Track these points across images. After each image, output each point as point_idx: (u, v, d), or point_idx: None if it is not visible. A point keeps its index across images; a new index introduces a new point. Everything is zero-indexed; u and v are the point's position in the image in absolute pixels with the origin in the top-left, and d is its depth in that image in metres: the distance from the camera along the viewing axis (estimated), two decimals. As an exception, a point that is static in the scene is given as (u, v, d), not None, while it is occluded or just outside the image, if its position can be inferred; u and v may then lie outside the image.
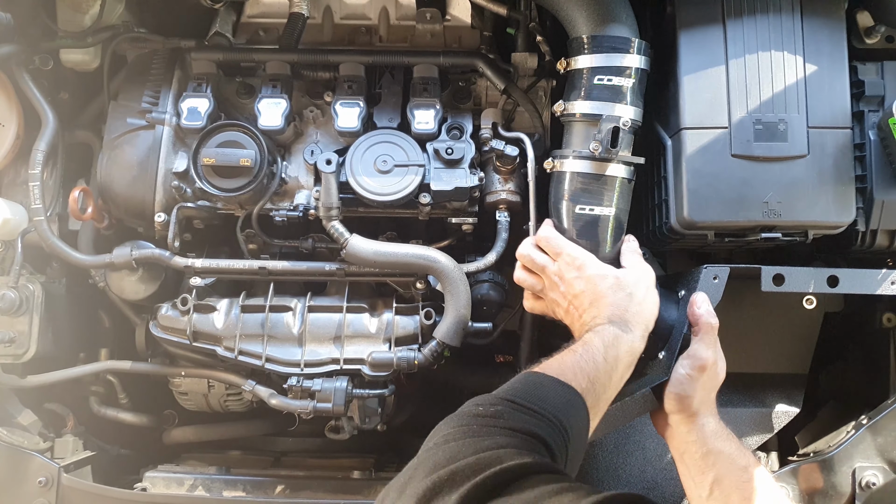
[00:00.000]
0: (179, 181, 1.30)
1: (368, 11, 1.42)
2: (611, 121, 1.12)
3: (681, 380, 1.03)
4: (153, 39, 1.39)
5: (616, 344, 0.98)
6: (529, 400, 0.79)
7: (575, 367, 0.92)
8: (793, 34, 1.18)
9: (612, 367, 0.95)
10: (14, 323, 1.35)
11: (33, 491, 1.31)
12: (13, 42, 1.33)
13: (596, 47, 1.15)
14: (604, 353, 0.96)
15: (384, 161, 1.27)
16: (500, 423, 0.73)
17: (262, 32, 1.45)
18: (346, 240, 1.25)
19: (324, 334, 1.31)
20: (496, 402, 0.79)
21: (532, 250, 1.16)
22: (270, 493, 1.37)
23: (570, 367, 0.92)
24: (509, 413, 0.76)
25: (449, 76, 1.42)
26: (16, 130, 1.38)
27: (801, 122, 1.16)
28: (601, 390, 0.93)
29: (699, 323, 1.07)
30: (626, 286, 1.07)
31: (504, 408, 0.77)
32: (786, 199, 1.15)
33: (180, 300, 1.32)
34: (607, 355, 0.95)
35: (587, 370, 0.92)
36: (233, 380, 1.36)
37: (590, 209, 1.15)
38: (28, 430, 1.38)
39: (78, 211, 1.30)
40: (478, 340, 1.34)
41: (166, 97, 1.34)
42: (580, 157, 1.16)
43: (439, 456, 0.65)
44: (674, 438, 1.06)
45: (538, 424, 0.75)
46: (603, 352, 0.96)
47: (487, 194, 1.34)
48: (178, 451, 1.56)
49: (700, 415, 1.03)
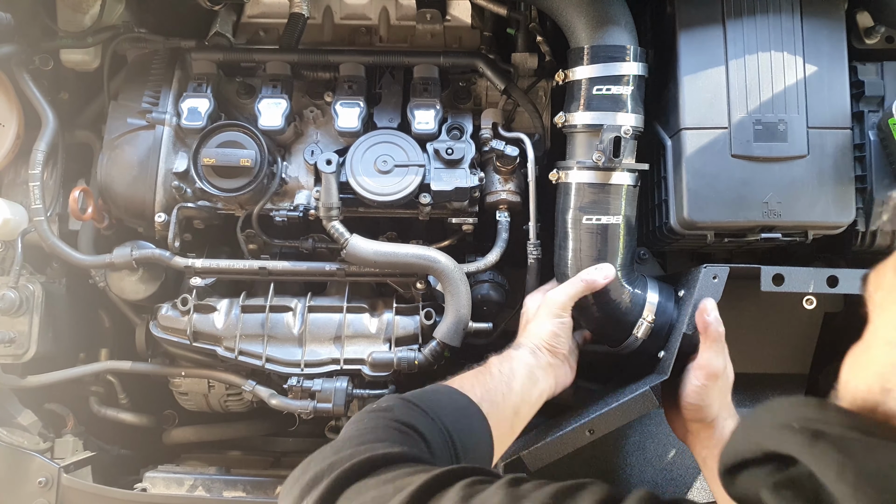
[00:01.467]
0: (179, 181, 1.30)
1: (368, 11, 1.42)
2: (612, 130, 1.12)
3: (696, 390, 1.05)
4: (153, 39, 1.39)
5: (508, 359, 1.08)
6: (419, 400, 0.88)
7: (472, 380, 1.01)
8: (793, 34, 1.18)
9: (509, 376, 1.04)
10: (14, 323, 1.35)
11: (33, 491, 1.31)
12: (13, 42, 1.33)
13: (593, 58, 1.15)
14: (498, 366, 1.06)
15: (384, 161, 1.27)
16: (387, 415, 0.81)
17: (263, 32, 1.45)
18: (346, 240, 1.25)
19: (324, 334, 1.31)
20: (391, 399, 0.88)
21: None
22: (270, 493, 1.37)
23: (468, 380, 1.01)
24: (398, 408, 0.84)
25: (449, 76, 1.42)
26: (16, 130, 1.38)
27: (800, 123, 1.16)
28: (500, 398, 1.00)
29: (708, 331, 1.07)
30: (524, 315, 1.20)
31: (394, 403, 0.86)
32: (786, 199, 1.15)
33: (180, 300, 1.32)
34: (502, 368, 1.05)
35: (482, 381, 1.01)
36: (233, 380, 1.37)
37: (596, 219, 1.16)
38: (28, 430, 1.38)
39: (78, 211, 1.30)
40: (478, 340, 1.34)
41: (166, 97, 1.34)
42: (584, 168, 1.16)
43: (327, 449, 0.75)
44: (696, 445, 1.08)
45: (422, 421, 0.83)
46: (498, 366, 1.06)
47: (487, 194, 1.34)
48: (178, 451, 1.56)
49: (719, 418, 1.05)
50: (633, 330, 1.16)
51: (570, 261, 1.18)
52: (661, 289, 1.19)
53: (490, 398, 0.98)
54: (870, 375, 0.52)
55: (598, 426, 1.13)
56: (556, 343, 1.11)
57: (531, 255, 1.29)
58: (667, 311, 1.16)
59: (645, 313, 1.16)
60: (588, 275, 1.14)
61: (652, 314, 1.16)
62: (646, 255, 1.34)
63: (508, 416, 1.00)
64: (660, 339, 1.17)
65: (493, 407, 0.97)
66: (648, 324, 1.15)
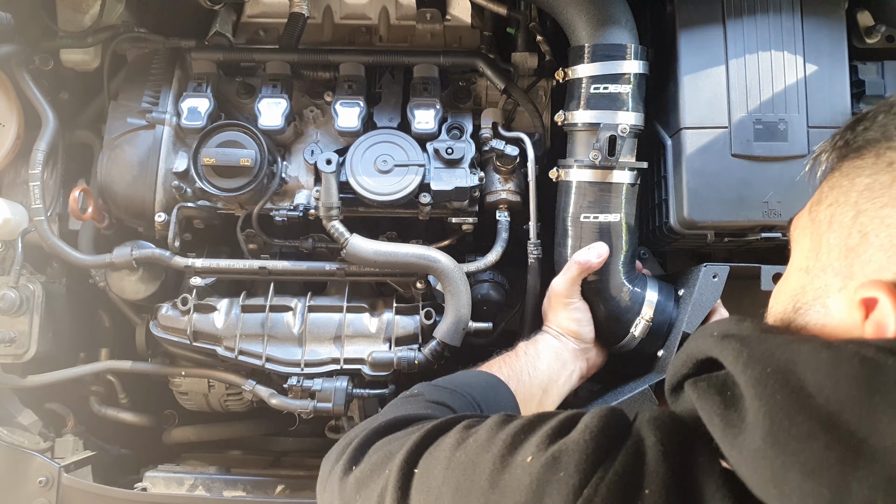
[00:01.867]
0: (179, 181, 1.30)
1: (368, 11, 1.42)
2: (609, 129, 1.12)
3: None
4: (153, 39, 1.39)
5: (534, 342, 1.15)
6: (448, 383, 0.94)
7: (499, 362, 1.09)
8: (793, 34, 1.18)
9: (534, 357, 1.11)
10: (14, 323, 1.35)
11: (33, 491, 1.31)
12: (13, 42, 1.33)
13: (593, 56, 1.15)
14: (524, 349, 1.13)
15: (384, 161, 1.27)
16: (420, 398, 0.88)
17: (263, 32, 1.45)
18: (346, 240, 1.25)
19: (324, 334, 1.31)
20: (421, 385, 0.94)
21: None
22: (270, 493, 1.37)
23: (496, 363, 1.09)
24: (428, 391, 0.90)
25: (449, 76, 1.42)
26: (16, 130, 1.38)
27: (801, 122, 1.16)
28: (526, 377, 1.07)
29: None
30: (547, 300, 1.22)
31: (424, 388, 0.92)
32: (786, 198, 1.15)
33: (180, 300, 1.32)
34: (527, 350, 1.13)
35: (509, 361, 1.09)
36: (233, 380, 1.36)
37: (594, 217, 1.16)
38: (28, 429, 1.38)
39: (78, 211, 1.30)
40: (478, 340, 1.34)
41: (166, 97, 1.34)
42: (583, 167, 1.16)
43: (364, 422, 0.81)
44: None
45: (450, 397, 0.89)
46: (524, 348, 1.13)
47: (487, 194, 1.34)
48: (178, 451, 1.56)
49: None
50: (630, 328, 1.16)
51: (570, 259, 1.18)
52: (660, 288, 1.19)
53: (517, 377, 1.05)
54: (785, 297, 0.62)
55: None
56: (577, 328, 1.16)
57: (531, 255, 1.29)
58: (666, 310, 1.16)
59: (643, 312, 1.16)
60: (581, 256, 1.16)
61: (651, 313, 1.16)
62: (646, 254, 1.34)
63: (536, 394, 1.07)
64: (659, 337, 1.17)
65: (520, 385, 1.04)
66: (646, 322, 1.15)
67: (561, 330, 1.16)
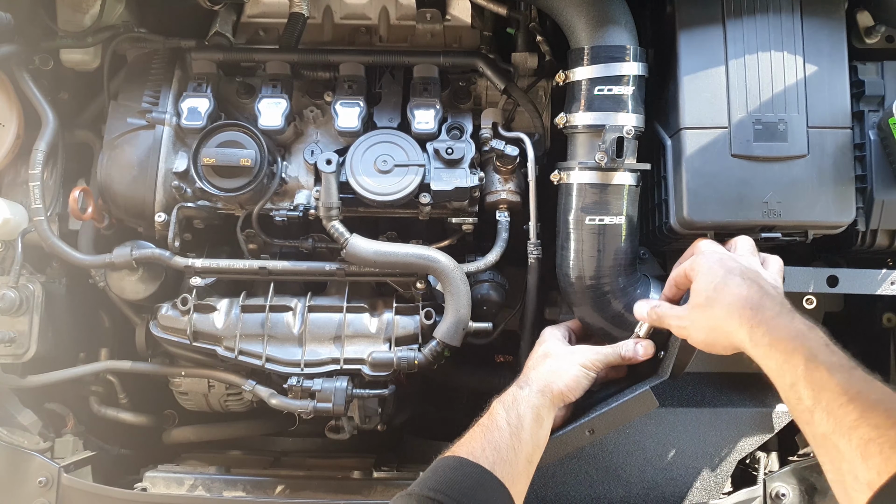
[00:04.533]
0: (179, 181, 1.30)
1: (368, 11, 1.42)
2: (614, 130, 1.12)
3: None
4: (153, 39, 1.39)
5: (515, 404, 1.06)
6: (438, 489, 0.91)
7: (483, 442, 1.01)
8: (793, 34, 1.18)
9: (517, 426, 1.03)
10: (14, 323, 1.35)
11: (33, 491, 1.31)
12: (13, 42, 1.33)
13: (593, 58, 1.15)
14: (506, 417, 1.04)
15: (384, 161, 1.27)
16: None
17: (263, 32, 1.45)
18: (346, 240, 1.25)
19: (324, 334, 1.31)
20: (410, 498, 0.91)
21: None
22: (270, 493, 1.37)
23: (479, 442, 1.01)
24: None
25: (449, 76, 1.42)
26: (16, 130, 1.38)
27: (801, 122, 1.16)
28: (512, 455, 1.00)
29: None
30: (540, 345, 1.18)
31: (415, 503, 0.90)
32: (786, 199, 1.15)
33: (180, 300, 1.32)
34: (509, 418, 1.04)
35: (493, 440, 1.01)
36: (233, 380, 1.36)
37: (599, 219, 1.16)
38: (28, 430, 1.38)
39: (78, 211, 1.30)
40: (478, 340, 1.34)
41: (166, 97, 1.34)
42: (586, 168, 1.16)
43: None
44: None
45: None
46: (505, 416, 1.04)
47: (487, 194, 1.34)
48: (178, 451, 1.55)
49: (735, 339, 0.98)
50: (635, 329, 1.16)
51: (573, 261, 1.19)
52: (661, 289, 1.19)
53: (503, 458, 0.99)
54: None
55: (598, 426, 1.14)
56: (574, 390, 1.11)
57: (531, 255, 1.29)
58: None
59: (646, 313, 1.16)
60: (628, 352, 1.13)
61: (652, 314, 1.15)
62: (646, 254, 1.33)
63: (523, 469, 1.02)
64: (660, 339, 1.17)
65: (507, 467, 0.99)
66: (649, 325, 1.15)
67: (553, 386, 1.10)
